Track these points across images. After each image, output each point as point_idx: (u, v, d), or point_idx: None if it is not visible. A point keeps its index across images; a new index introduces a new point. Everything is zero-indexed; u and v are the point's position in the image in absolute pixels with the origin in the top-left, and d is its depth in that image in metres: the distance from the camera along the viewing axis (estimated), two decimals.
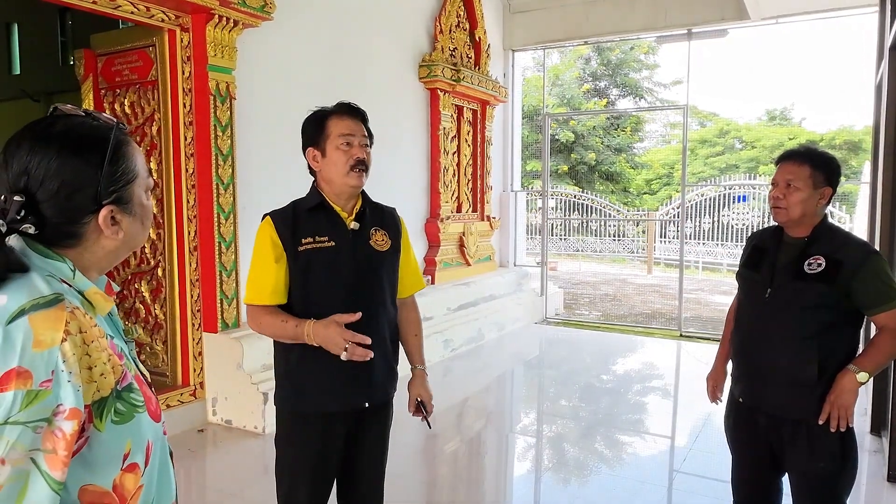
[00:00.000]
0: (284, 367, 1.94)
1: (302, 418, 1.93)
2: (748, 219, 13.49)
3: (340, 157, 1.89)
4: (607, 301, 10.29)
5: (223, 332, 4.24)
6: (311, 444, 1.91)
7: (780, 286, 2.04)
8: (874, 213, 4.51)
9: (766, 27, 7.16)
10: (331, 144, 1.90)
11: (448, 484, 3.64)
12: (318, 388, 1.90)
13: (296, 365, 1.91)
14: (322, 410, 1.91)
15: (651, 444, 4.23)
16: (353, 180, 1.90)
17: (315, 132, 1.92)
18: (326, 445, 1.92)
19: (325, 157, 1.91)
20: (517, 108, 8.47)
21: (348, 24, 5.45)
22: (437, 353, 5.98)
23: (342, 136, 1.89)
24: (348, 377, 1.90)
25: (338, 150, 1.89)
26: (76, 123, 0.98)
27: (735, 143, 21.05)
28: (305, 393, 1.91)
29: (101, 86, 4.55)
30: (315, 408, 1.91)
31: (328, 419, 1.91)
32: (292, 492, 1.94)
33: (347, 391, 1.92)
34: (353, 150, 1.90)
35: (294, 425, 1.95)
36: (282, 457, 1.97)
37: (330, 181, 1.92)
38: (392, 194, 6.15)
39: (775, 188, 2.06)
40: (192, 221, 4.22)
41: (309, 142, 1.94)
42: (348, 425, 1.95)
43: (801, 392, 2.00)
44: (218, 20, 4.04)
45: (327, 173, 1.92)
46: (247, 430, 4.14)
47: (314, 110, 1.96)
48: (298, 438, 1.93)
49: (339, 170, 1.89)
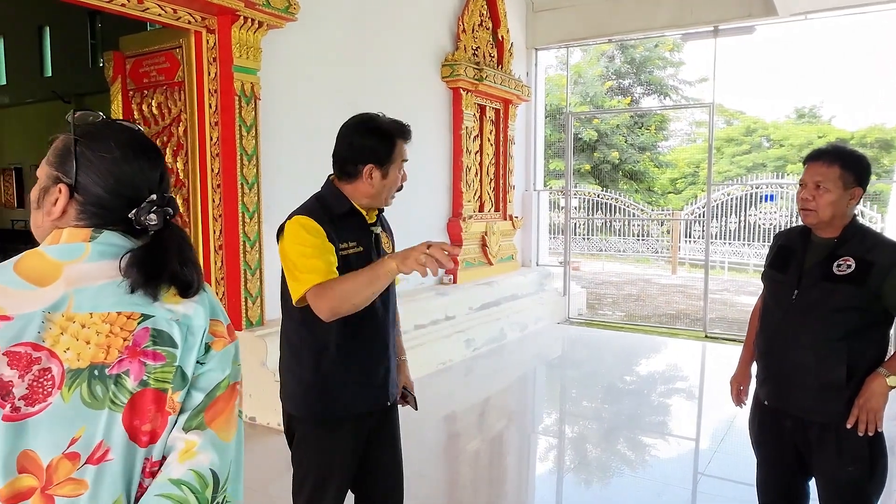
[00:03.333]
0: (313, 373, 1.88)
1: (331, 424, 1.90)
2: (775, 218, 13.25)
3: (397, 182, 1.93)
4: (631, 301, 10.19)
5: (247, 330, 4.28)
6: (342, 449, 1.90)
7: (807, 287, 2.01)
8: None
9: (794, 23, 7.03)
10: (394, 169, 1.90)
11: (469, 483, 3.64)
12: (354, 389, 1.89)
13: (331, 367, 1.87)
14: (352, 412, 1.90)
15: (675, 446, 4.19)
16: (391, 201, 1.97)
17: (385, 152, 1.87)
18: (354, 448, 1.93)
19: (386, 178, 1.89)
20: (540, 106, 8.43)
21: (371, 24, 5.47)
22: (458, 353, 5.98)
23: (404, 161, 1.93)
24: (377, 377, 1.93)
25: (397, 174, 1.92)
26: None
27: (762, 142, 20.71)
28: (336, 397, 1.88)
29: (129, 87, 4.63)
30: (346, 411, 1.90)
31: (356, 421, 1.92)
32: (315, 496, 1.90)
33: (376, 391, 1.94)
34: (404, 175, 1.96)
35: (323, 432, 1.91)
36: (304, 465, 1.93)
37: (375, 197, 1.91)
38: (414, 194, 6.18)
39: (804, 189, 2.01)
40: (218, 220, 4.27)
41: (373, 159, 1.85)
42: (371, 426, 1.96)
43: (829, 395, 1.96)
44: (243, 21, 4.09)
45: (378, 192, 1.90)
46: (270, 426, 4.18)
47: (372, 119, 1.89)
48: (328, 445, 1.90)
49: (390, 192, 1.93)
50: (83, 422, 0.93)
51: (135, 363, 0.96)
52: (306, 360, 1.90)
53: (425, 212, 6.30)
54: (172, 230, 1.05)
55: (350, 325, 1.84)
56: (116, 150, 1.03)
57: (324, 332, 1.83)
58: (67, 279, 0.96)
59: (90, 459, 0.93)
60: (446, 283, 6.55)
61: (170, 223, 1.06)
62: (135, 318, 0.98)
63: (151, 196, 1.04)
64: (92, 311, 0.96)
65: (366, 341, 1.91)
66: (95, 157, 1.02)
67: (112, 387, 0.94)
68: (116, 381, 0.95)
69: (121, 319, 0.97)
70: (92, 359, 0.94)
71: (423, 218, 6.25)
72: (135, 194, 1.04)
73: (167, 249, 1.02)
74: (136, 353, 0.96)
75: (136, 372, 0.96)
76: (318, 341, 1.87)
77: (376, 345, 1.94)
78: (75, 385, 0.93)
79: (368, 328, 1.90)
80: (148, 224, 1.03)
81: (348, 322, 1.81)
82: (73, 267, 0.97)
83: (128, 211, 1.03)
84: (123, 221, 1.03)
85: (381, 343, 1.95)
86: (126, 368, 0.96)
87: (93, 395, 0.94)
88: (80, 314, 0.95)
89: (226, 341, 1.06)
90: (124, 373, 0.95)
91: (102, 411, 0.94)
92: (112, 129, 1.07)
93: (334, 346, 1.86)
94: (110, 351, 0.95)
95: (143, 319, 0.98)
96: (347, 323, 1.81)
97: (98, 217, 1.02)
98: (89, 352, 0.94)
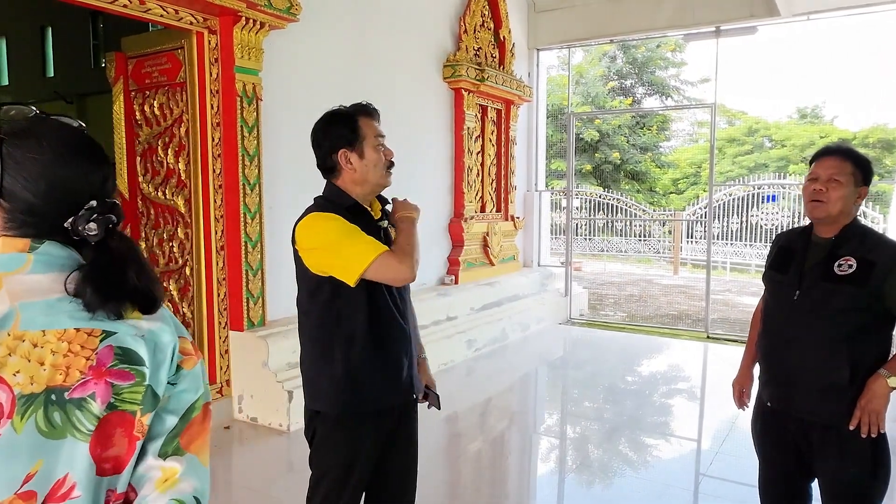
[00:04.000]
0: (343, 366, 1.86)
1: (357, 419, 1.89)
2: (777, 219, 13.24)
3: (379, 159, 1.92)
4: (632, 302, 10.19)
5: (249, 331, 4.29)
6: (363, 445, 1.88)
7: (809, 288, 2.00)
8: None
9: (796, 24, 7.02)
10: (368, 146, 1.90)
11: (471, 484, 3.63)
12: (380, 384, 1.89)
13: (361, 361, 1.86)
14: (378, 407, 1.90)
15: (677, 447, 4.18)
16: (387, 180, 1.96)
17: (349, 134, 1.89)
18: (375, 446, 1.92)
19: (364, 158, 1.90)
20: (542, 107, 8.43)
21: (373, 24, 5.47)
22: (460, 353, 5.98)
23: (376, 136, 1.92)
24: (401, 371, 1.94)
25: (376, 151, 1.91)
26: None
27: (764, 142, 20.70)
28: (367, 390, 1.88)
29: (131, 88, 4.63)
30: (375, 404, 1.90)
31: (380, 417, 1.91)
32: (335, 495, 1.89)
33: (400, 386, 1.94)
34: (387, 151, 1.95)
35: (349, 427, 1.89)
36: (325, 461, 1.91)
37: (364, 182, 1.92)
38: (416, 194, 6.15)
39: (816, 182, 2.00)
40: (219, 221, 4.28)
41: (342, 143, 1.89)
42: (391, 423, 1.96)
43: (831, 396, 1.96)
44: (245, 22, 4.09)
45: (363, 174, 1.91)
46: (272, 427, 4.18)
47: (331, 111, 1.94)
48: (350, 441, 1.89)
49: (378, 171, 1.92)
50: (40, 455, 0.82)
51: (101, 385, 0.86)
52: (336, 353, 1.88)
53: (427, 212, 6.23)
54: (121, 240, 0.95)
55: (375, 316, 1.87)
56: (49, 150, 0.92)
57: (351, 324, 1.85)
58: (11, 293, 0.85)
59: (50, 497, 0.83)
60: (448, 283, 6.55)
61: (115, 232, 0.95)
62: (96, 335, 0.87)
63: (91, 203, 0.92)
64: (45, 329, 0.85)
65: (392, 332, 1.92)
66: (24, 159, 0.90)
67: (75, 412, 0.84)
68: (80, 405, 0.85)
69: (80, 337, 0.86)
70: (48, 382, 0.84)
71: (425, 218, 6.23)
72: (72, 200, 0.92)
73: (122, 263, 0.92)
74: (102, 373, 0.86)
75: (103, 394, 0.86)
76: (347, 334, 1.86)
77: (400, 337, 1.94)
78: (29, 413, 0.82)
79: (392, 319, 1.91)
80: (87, 234, 0.91)
81: (373, 313, 1.85)
82: (14, 278, 0.87)
83: (64, 219, 0.91)
84: (60, 231, 0.91)
85: (404, 335, 1.96)
86: (91, 391, 0.85)
87: (50, 424, 0.83)
88: (32, 332, 0.84)
89: (195, 359, 0.98)
90: (90, 396, 0.85)
91: (63, 441, 0.83)
92: (45, 126, 0.94)
93: (362, 338, 1.86)
94: (70, 372, 0.85)
95: (106, 336, 0.88)
96: (372, 314, 1.85)
97: (30, 226, 0.91)
98: (44, 374, 0.84)
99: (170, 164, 4.46)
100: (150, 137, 4.56)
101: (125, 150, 4.63)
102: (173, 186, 4.46)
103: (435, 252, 6.47)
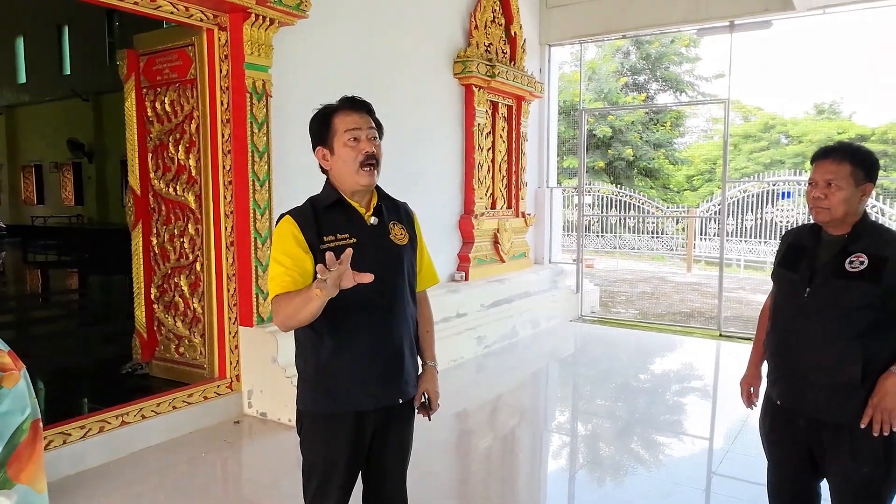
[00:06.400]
0: (315, 364, 1.88)
1: (333, 419, 1.88)
2: (793, 216, 13.10)
3: (349, 154, 1.84)
4: (645, 299, 10.12)
5: (259, 326, 4.30)
6: (342, 445, 1.88)
7: (820, 285, 1.97)
8: None
9: (812, 18, 6.92)
10: (338, 142, 1.84)
11: (481, 481, 3.63)
12: (352, 385, 1.86)
13: (328, 361, 1.85)
14: (355, 410, 1.87)
15: (688, 445, 4.15)
16: (363, 179, 1.85)
17: (322, 130, 1.87)
18: (357, 445, 1.90)
19: (335, 154, 1.86)
20: (553, 103, 8.38)
21: (383, 20, 5.47)
22: (470, 350, 5.97)
23: (348, 131, 1.84)
24: (382, 373, 1.89)
25: (346, 147, 1.84)
26: None
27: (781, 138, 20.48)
28: (338, 392, 1.86)
29: (142, 85, 4.66)
30: (348, 407, 1.87)
31: (360, 418, 1.89)
32: (320, 494, 1.90)
33: (381, 388, 1.90)
34: (362, 145, 1.84)
35: (324, 427, 1.89)
36: (310, 459, 1.93)
37: (342, 179, 1.88)
38: (426, 190, 6.19)
39: (815, 188, 1.99)
40: (229, 217, 4.30)
41: (317, 140, 1.89)
42: (377, 423, 1.93)
43: (843, 394, 1.93)
44: (255, 19, 4.10)
45: (338, 171, 1.87)
46: (281, 422, 4.20)
47: (315, 111, 1.91)
48: (329, 440, 1.89)
49: (349, 168, 1.84)
50: None
51: None
52: (309, 351, 1.91)
53: (437, 209, 6.29)
54: None
55: (340, 318, 1.82)
56: None
57: (320, 325, 1.81)
58: None
59: None
60: (458, 280, 6.53)
61: None
62: None
63: None
64: None
65: (363, 334, 1.86)
66: None
67: None
68: None
69: None
70: None
71: (435, 215, 6.24)
72: None
73: None
74: None
75: None
76: (317, 335, 1.86)
77: (375, 338, 1.88)
78: None
79: (363, 320, 1.85)
80: None
81: (338, 315, 1.79)
82: None
83: None
84: None
85: (381, 336, 1.89)
86: None
87: None
88: None
89: (17, 374, 0.84)
90: None
91: None
92: None
93: (329, 339, 1.84)
94: None
95: None
96: (337, 315, 1.80)
97: None
98: None
99: (181, 160, 4.48)
100: (161, 134, 4.59)
101: (137, 147, 4.66)
102: (184, 183, 4.48)
103: (445, 249, 6.46)
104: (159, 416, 3.92)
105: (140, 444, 3.79)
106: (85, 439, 3.56)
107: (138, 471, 3.54)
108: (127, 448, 3.73)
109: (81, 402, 4.38)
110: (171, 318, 4.65)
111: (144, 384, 4.53)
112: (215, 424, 4.17)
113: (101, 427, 3.65)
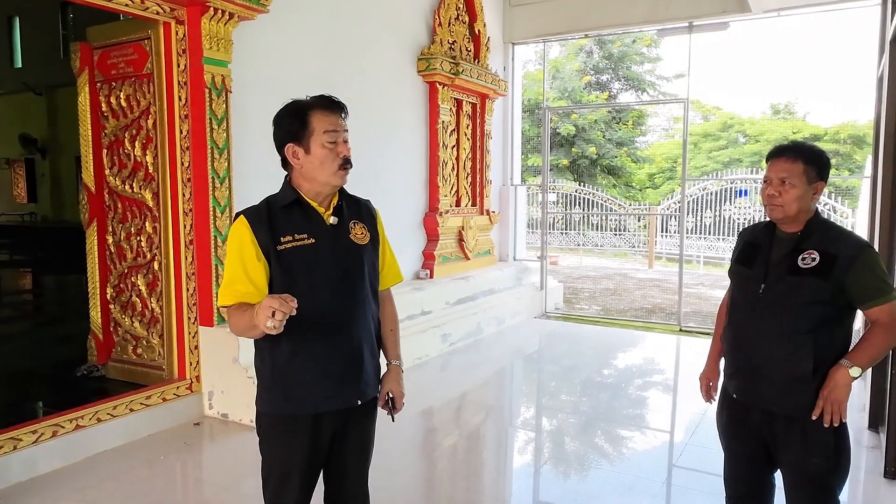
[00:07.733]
0: (271, 366, 1.86)
1: (291, 421, 1.86)
2: (750, 213, 13.43)
3: (328, 156, 1.80)
4: (607, 296, 10.26)
5: (219, 326, 4.23)
6: (300, 446, 1.86)
7: (774, 281, 2.02)
8: (874, 207, 4.48)
9: (767, 20, 7.10)
10: (315, 142, 1.80)
11: (447, 478, 3.63)
12: (309, 387, 1.84)
13: (284, 363, 1.83)
14: (311, 410, 1.85)
15: (650, 439, 4.22)
16: (339, 180, 1.84)
17: (296, 127, 1.81)
18: (315, 446, 1.88)
19: (310, 154, 1.81)
20: (517, 101, 8.43)
21: (346, 16, 5.42)
22: (435, 348, 5.97)
23: (328, 132, 1.80)
24: (340, 375, 1.87)
25: (324, 149, 1.80)
26: None
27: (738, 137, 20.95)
28: (295, 394, 1.84)
29: (97, 79, 4.53)
30: (305, 409, 1.84)
31: (318, 420, 1.86)
32: (279, 494, 1.89)
33: (339, 390, 1.88)
34: (339, 148, 1.82)
35: (282, 428, 1.88)
36: (268, 459, 1.92)
37: (312, 179, 1.84)
38: (390, 188, 6.16)
39: (769, 186, 2.04)
40: (188, 215, 4.21)
41: (288, 137, 1.83)
42: (336, 424, 1.91)
43: (795, 387, 1.98)
44: (213, 13, 4.02)
45: (310, 171, 1.83)
46: (242, 423, 4.14)
47: (289, 103, 1.86)
48: (286, 441, 1.87)
49: (326, 169, 1.81)
50: None
51: None
52: (265, 352, 1.88)
53: (401, 206, 6.27)
54: None
55: (297, 320, 1.73)
56: None
57: None
58: None
59: None
60: (423, 277, 6.53)
61: None
62: None
63: None
64: None
65: (320, 336, 1.83)
66: None
67: None
68: None
69: None
70: None
71: (399, 213, 6.22)
72: None
73: None
74: None
75: None
76: (274, 337, 1.78)
77: (333, 339, 1.85)
78: None
79: (320, 322, 1.82)
80: None
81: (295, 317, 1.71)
82: None
83: None
84: None
85: (339, 337, 1.86)
86: None
87: None
88: None
89: None
90: None
91: None
92: None
93: (286, 342, 1.81)
94: None
95: None
96: (294, 318, 1.71)
97: None
98: None
99: (137, 157, 4.37)
100: (116, 130, 4.47)
101: (91, 143, 4.52)
102: (141, 180, 4.37)
103: (410, 246, 6.45)
104: (116, 419, 3.83)
105: (96, 448, 3.69)
106: (37, 444, 3.45)
107: (93, 475, 3.44)
108: (82, 453, 3.62)
109: (34, 406, 4.24)
110: (129, 319, 4.54)
111: (101, 386, 4.41)
112: (175, 427, 4.08)
113: (55, 431, 3.54)
